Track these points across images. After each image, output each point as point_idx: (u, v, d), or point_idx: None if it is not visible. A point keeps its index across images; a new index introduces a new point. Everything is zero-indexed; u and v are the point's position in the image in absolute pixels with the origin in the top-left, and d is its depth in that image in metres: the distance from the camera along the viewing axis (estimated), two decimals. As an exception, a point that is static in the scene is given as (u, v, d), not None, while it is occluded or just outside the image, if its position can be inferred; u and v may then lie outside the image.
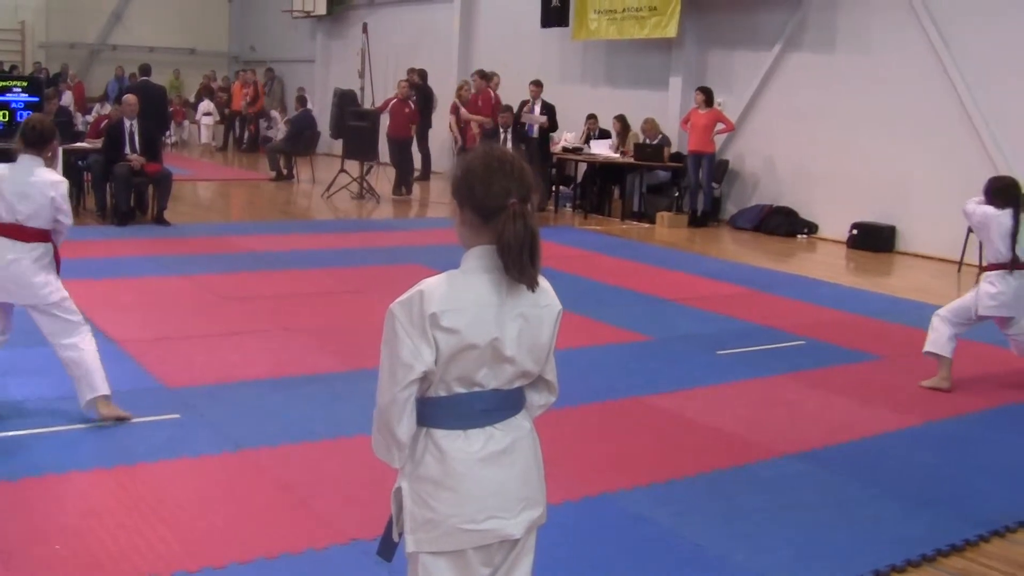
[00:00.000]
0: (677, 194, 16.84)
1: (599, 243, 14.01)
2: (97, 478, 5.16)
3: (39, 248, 5.90)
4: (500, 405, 2.72)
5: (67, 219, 6.02)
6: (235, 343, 7.90)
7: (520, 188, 2.63)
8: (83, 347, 5.92)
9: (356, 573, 4.29)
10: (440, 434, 2.67)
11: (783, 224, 15.78)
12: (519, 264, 2.59)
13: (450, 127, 19.12)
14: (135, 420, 6.00)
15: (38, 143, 5.98)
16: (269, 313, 8.92)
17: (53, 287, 5.92)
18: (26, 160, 5.93)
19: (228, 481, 5.26)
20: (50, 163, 6.15)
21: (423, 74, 20.59)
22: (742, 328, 9.18)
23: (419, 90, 20.08)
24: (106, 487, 5.05)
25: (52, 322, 5.91)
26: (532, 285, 2.63)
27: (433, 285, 2.62)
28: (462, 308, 2.60)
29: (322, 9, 26.06)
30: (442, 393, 2.66)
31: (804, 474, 5.75)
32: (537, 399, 2.89)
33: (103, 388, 5.92)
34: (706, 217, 16.30)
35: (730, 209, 16.92)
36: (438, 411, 2.67)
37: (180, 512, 4.79)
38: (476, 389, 2.66)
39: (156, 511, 4.78)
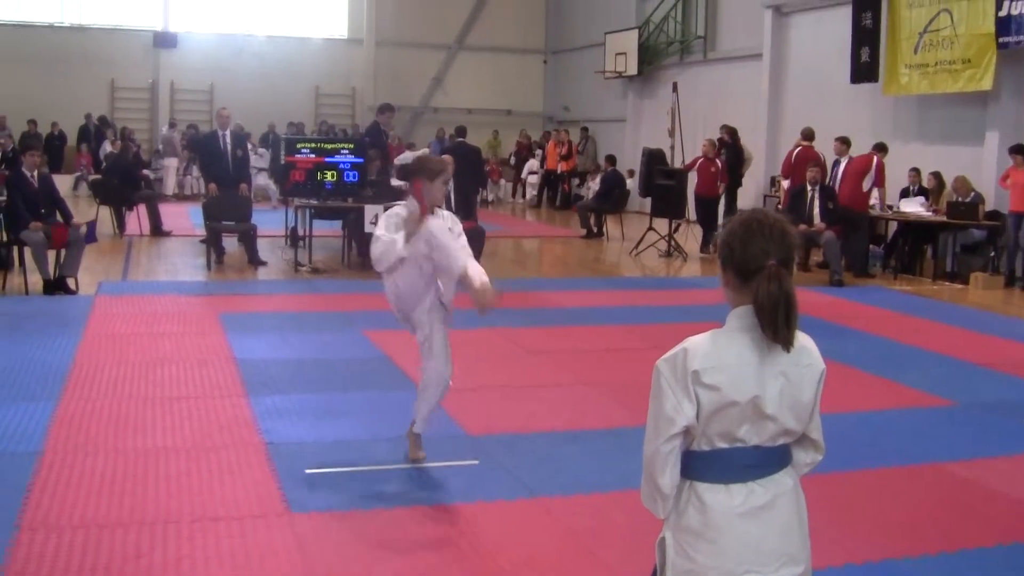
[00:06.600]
0: (993, 254, 16.16)
1: (908, 304, 13.59)
2: (400, 515, 5.54)
3: None
4: (762, 461, 2.80)
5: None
6: (535, 395, 8.20)
7: (779, 250, 2.72)
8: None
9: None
10: (703, 487, 2.78)
11: (1110, 287, 14.84)
12: (773, 325, 2.68)
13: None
14: (436, 464, 6.37)
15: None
16: (571, 367, 9.17)
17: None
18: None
19: (521, 526, 5.51)
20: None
21: (733, 132, 20.58)
22: (1056, 396, 8.72)
23: (729, 148, 20.10)
24: (407, 524, 5.40)
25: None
26: (786, 346, 2.71)
27: (696, 343, 2.75)
28: (723, 366, 2.71)
29: (633, 69, 26.47)
30: (705, 447, 2.77)
31: (1113, 553, 5.45)
32: (803, 457, 2.95)
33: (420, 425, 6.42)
34: (1025, 279, 15.58)
35: (1051, 271, 16.04)
36: (701, 464, 2.79)
37: (472, 553, 5.08)
38: (738, 445, 2.76)
39: (452, 551, 5.09)
